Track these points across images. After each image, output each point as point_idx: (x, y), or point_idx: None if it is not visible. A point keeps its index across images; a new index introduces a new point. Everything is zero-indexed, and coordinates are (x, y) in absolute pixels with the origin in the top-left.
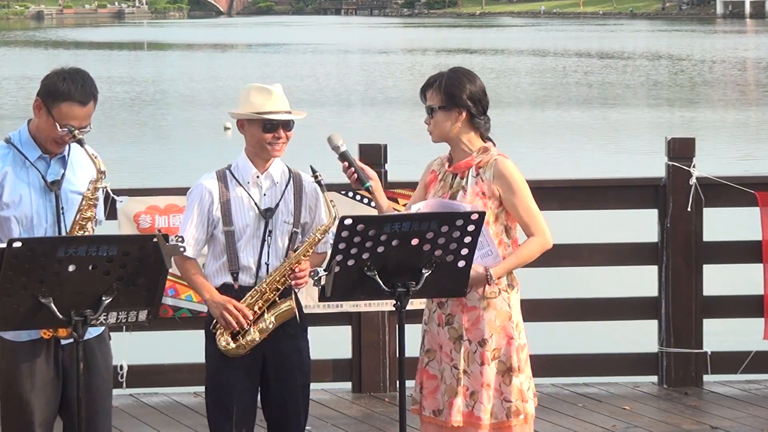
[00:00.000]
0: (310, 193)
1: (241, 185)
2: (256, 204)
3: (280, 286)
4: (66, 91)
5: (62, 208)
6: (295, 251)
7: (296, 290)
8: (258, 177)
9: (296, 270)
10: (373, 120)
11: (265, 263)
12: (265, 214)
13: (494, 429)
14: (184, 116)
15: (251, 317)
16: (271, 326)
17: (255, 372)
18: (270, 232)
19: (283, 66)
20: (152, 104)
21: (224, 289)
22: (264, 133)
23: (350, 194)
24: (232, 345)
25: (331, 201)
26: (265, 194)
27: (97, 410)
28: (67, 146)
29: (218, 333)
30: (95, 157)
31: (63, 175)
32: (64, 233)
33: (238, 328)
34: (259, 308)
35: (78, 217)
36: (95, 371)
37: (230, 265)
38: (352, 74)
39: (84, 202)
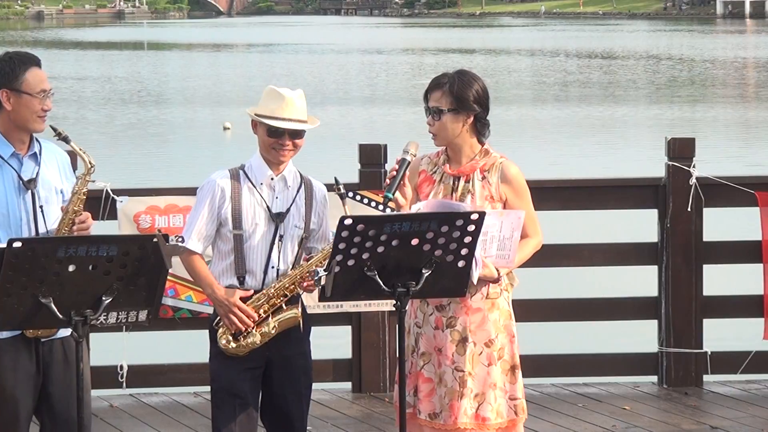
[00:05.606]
0: (320, 199)
1: (254, 186)
2: (268, 207)
3: (288, 293)
4: (21, 63)
5: (40, 206)
6: (308, 260)
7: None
8: (272, 179)
9: (306, 279)
10: (373, 120)
11: (272, 267)
12: (276, 217)
13: (502, 428)
14: (184, 116)
15: (256, 318)
16: (273, 331)
17: (258, 374)
18: (281, 236)
19: (283, 66)
20: (152, 104)
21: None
22: (268, 137)
23: (350, 194)
24: (233, 345)
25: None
26: (277, 197)
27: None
28: (38, 144)
29: (220, 331)
30: (83, 152)
31: (38, 172)
32: (42, 230)
33: (241, 329)
34: (264, 312)
35: (69, 210)
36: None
37: (237, 269)
38: (352, 74)
39: (74, 197)
